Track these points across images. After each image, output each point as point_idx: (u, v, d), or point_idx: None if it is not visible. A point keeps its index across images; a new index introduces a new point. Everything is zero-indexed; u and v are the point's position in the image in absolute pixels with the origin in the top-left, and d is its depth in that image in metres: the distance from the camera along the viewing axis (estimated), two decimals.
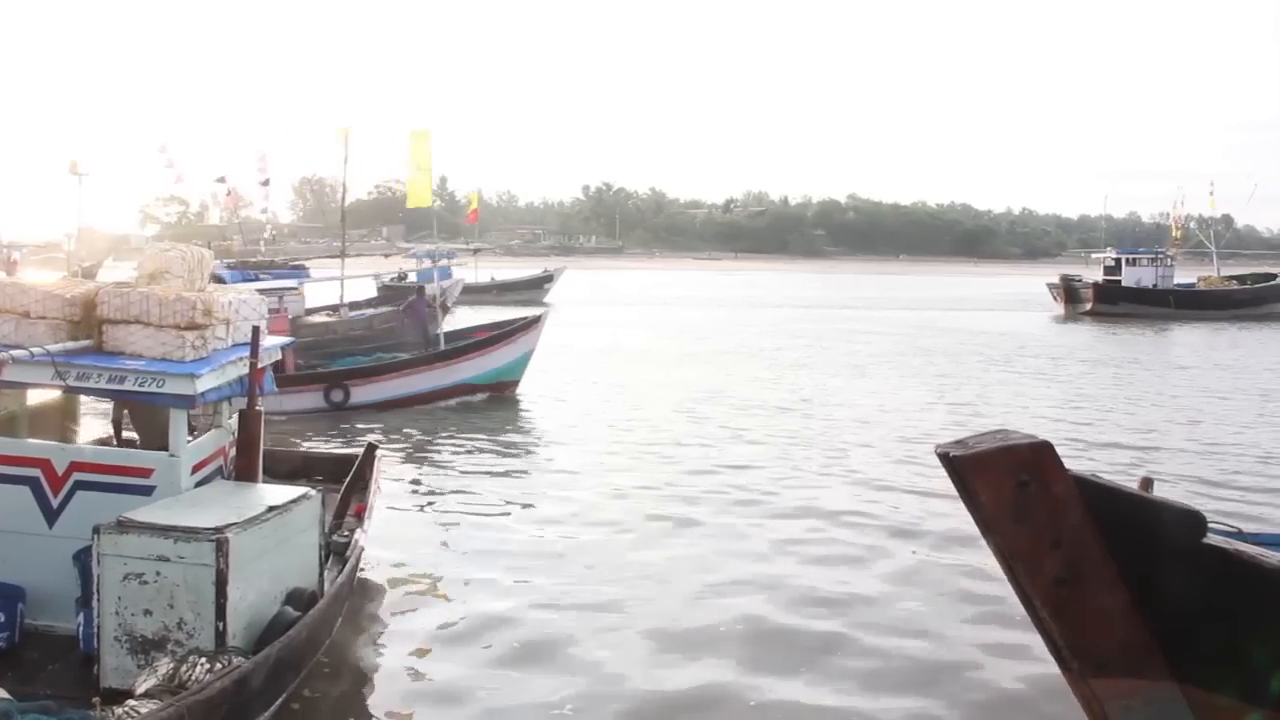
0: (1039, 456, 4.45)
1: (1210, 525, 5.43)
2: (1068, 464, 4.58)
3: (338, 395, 20.08)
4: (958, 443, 4.55)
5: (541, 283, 64.19)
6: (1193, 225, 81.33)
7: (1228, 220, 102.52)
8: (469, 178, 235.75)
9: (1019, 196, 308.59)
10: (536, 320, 23.24)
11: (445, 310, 34.16)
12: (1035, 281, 70.95)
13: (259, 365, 8.46)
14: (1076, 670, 4.85)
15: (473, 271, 55.83)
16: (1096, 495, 4.55)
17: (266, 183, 39.43)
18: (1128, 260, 61.72)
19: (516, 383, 22.83)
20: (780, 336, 40.12)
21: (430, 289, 24.66)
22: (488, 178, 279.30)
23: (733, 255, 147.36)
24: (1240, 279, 66.97)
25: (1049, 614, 4.75)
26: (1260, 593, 4.65)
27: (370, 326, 30.79)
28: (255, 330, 8.44)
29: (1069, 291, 59.53)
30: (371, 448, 11.14)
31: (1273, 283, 63.86)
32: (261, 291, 22.97)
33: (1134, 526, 4.59)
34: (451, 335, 22.94)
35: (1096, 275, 62.50)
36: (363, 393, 20.37)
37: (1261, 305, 61.12)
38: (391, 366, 21.26)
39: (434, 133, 23.53)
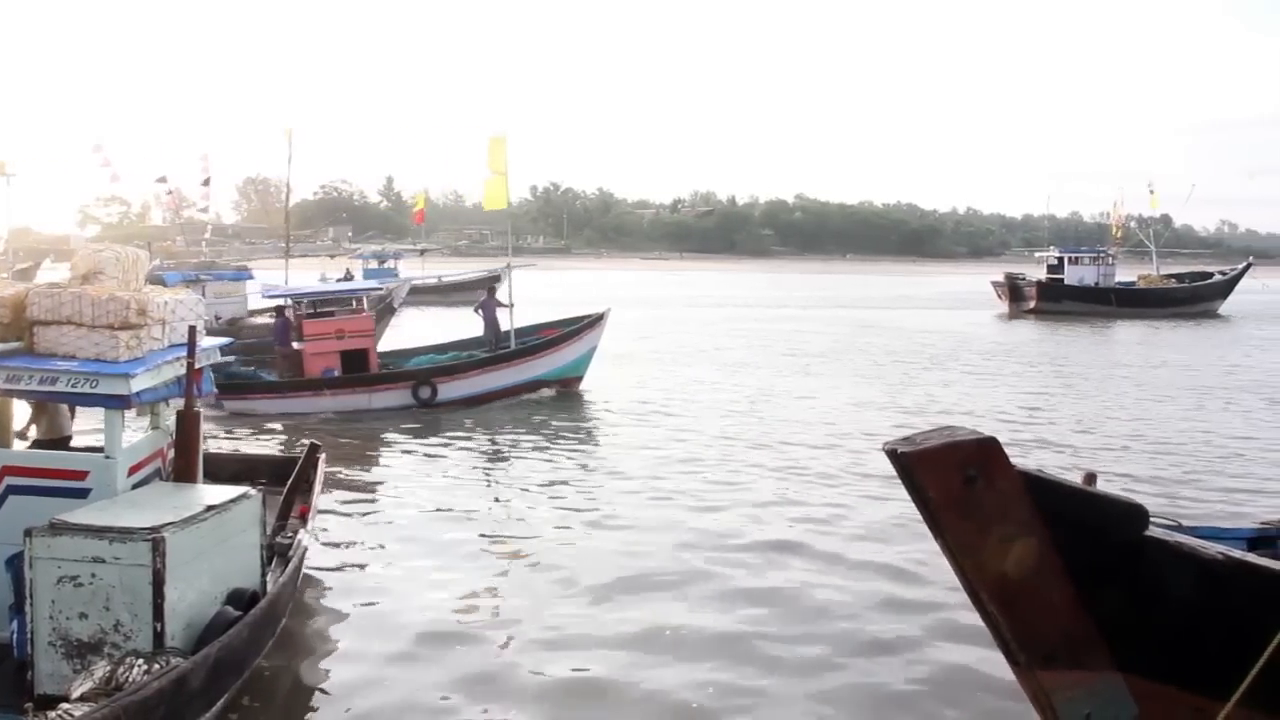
0: (985, 452, 4.47)
1: (1151, 519, 5.49)
2: (1013, 460, 4.60)
3: (425, 392, 21.29)
4: (905, 439, 4.57)
5: (489, 283, 63.75)
6: (1133, 225, 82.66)
7: (1167, 220, 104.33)
8: (416, 177, 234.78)
9: (964, 196, 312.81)
10: (600, 318, 24.23)
11: (392, 311, 33.81)
12: (980, 280, 71.66)
13: (197, 365, 8.31)
14: (1024, 663, 4.89)
15: (419, 272, 55.35)
16: (1042, 490, 4.58)
17: (207, 182, 39.05)
18: (1070, 259, 62.47)
19: (581, 378, 23.98)
20: (726, 336, 40.13)
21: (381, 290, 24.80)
22: (435, 177, 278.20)
23: (678, 255, 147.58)
24: (1179, 278, 68.21)
25: (996, 609, 4.77)
26: (1200, 583, 4.70)
27: None
28: (191, 330, 8.28)
29: (1013, 290, 60.18)
30: (314, 448, 10.90)
31: (1209, 281, 65.21)
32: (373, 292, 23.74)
33: (1078, 520, 4.63)
34: (520, 333, 23.93)
35: (1040, 274, 63.23)
36: (448, 389, 21.54)
37: (1198, 303, 62.35)
38: (474, 364, 22.36)
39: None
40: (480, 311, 24.53)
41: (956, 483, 4.46)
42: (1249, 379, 28.92)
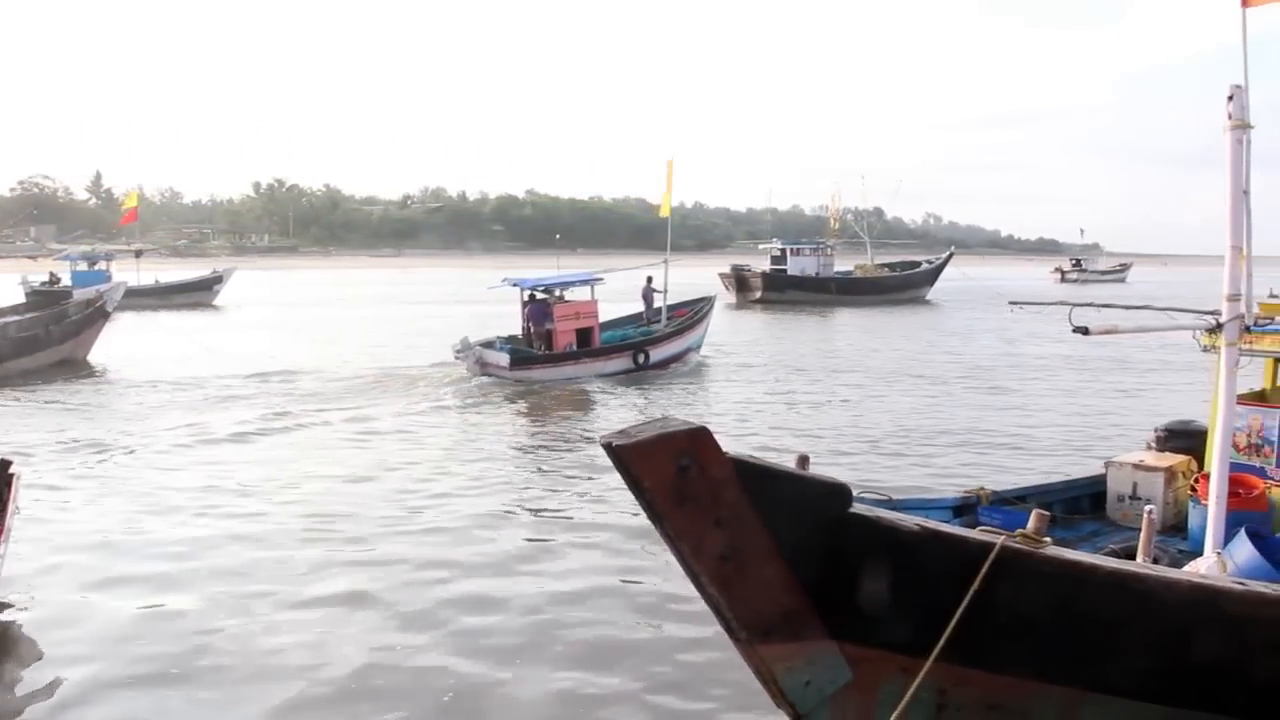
0: (696, 441, 4.61)
1: (863, 494, 5.81)
2: (731, 446, 4.78)
3: (641, 358, 27.37)
4: (620, 432, 4.66)
5: (210, 284, 60.93)
6: (849, 217, 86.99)
7: (879, 213, 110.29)
8: (129, 172, 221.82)
9: (690, 191, 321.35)
10: (713, 301, 32.43)
11: (105, 316, 31.82)
12: (708, 272, 73.62)
13: None
14: (745, 639, 5.07)
15: (135, 274, 52.23)
16: (752, 475, 4.77)
17: None
18: (792, 251, 65.25)
19: (700, 348, 30.63)
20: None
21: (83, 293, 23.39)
22: (148, 173, 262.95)
23: (396, 253, 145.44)
24: (891, 267, 72.74)
25: (715, 589, 4.93)
26: (898, 553, 5.02)
27: (4, 335, 28.26)
28: None
29: (740, 281, 62.37)
30: (3, 464, 10.06)
31: (918, 270, 69.89)
32: (560, 285, 28.22)
33: (787, 501, 4.84)
34: (632, 319, 31.40)
35: (764, 265, 65.71)
36: (655, 353, 27.89)
37: (909, 290, 66.68)
38: (665, 336, 28.96)
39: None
40: (644, 297, 32.11)
41: (670, 472, 4.58)
42: (957, 361, 31.05)
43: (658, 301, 31.24)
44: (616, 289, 29.25)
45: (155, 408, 21.38)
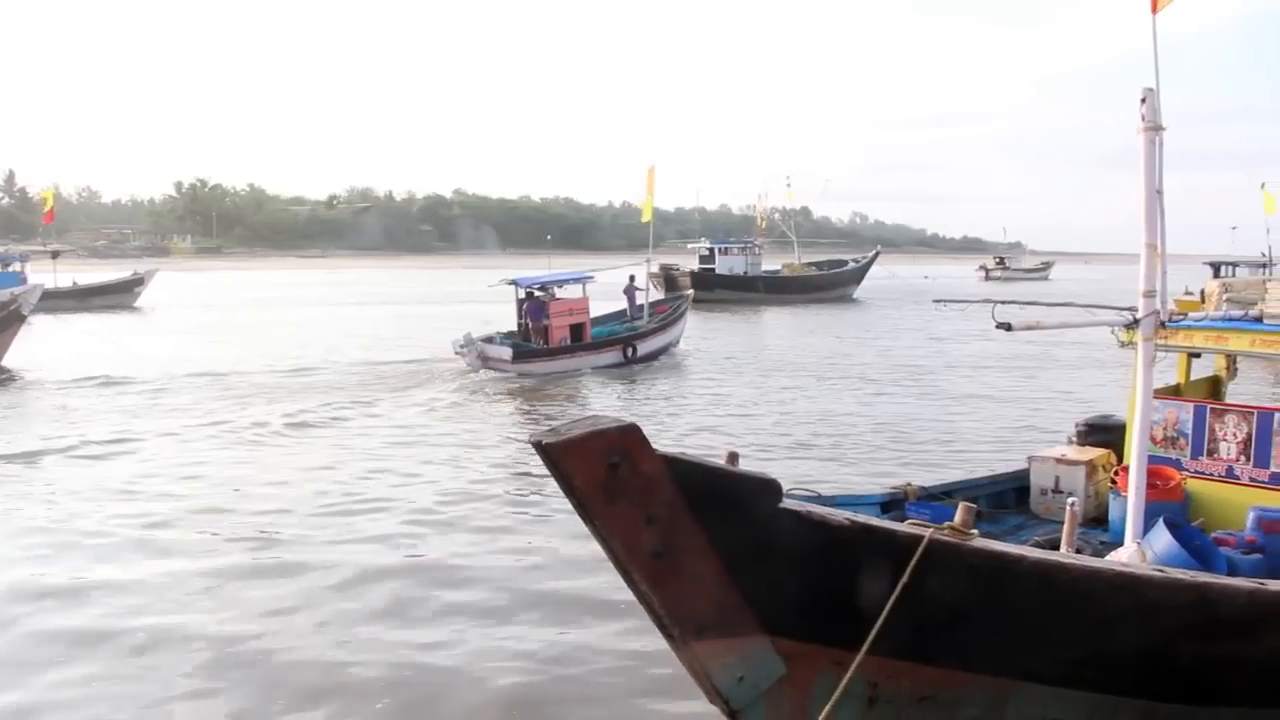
0: (627, 439, 4.62)
1: (792, 491, 5.85)
2: (655, 444, 4.79)
3: (630, 351, 29.38)
4: (550, 430, 4.66)
5: (131, 286, 59.72)
6: (777, 216, 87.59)
7: (806, 212, 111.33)
8: (43, 170, 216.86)
9: (619, 191, 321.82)
10: (689, 298, 36.42)
11: (21, 319, 31.00)
12: (638, 272, 73.73)
13: None
14: (678, 637, 5.08)
15: (52, 276, 51.00)
16: (683, 471, 4.78)
17: None
18: (720, 250, 65.60)
19: (678, 342, 32.90)
20: (398, 335, 39.50)
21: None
22: (64, 171, 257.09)
23: (323, 254, 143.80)
24: (818, 265, 73.27)
25: (648, 587, 4.94)
26: (828, 547, 5.07)
27: None
28: None
29: (668, 280, 62.45)
30: None
31: (844, 269, 70.55)
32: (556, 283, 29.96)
33: (719, 497, 4.87)
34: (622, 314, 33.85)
35: (693, 264, 65.94)
36: (642, 348, 29.87)
37: (836, 288, 67.32)
38: (651, 330, 31.14)
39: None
40: (626, 294, 34.39)
41: (601, 469, 4.58)
42: (885, 358, 31.44)
43: (640, 299, 33.52)
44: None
45: (75, 413, 20.91)
